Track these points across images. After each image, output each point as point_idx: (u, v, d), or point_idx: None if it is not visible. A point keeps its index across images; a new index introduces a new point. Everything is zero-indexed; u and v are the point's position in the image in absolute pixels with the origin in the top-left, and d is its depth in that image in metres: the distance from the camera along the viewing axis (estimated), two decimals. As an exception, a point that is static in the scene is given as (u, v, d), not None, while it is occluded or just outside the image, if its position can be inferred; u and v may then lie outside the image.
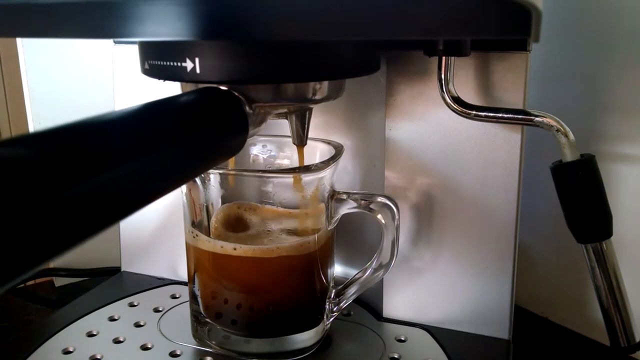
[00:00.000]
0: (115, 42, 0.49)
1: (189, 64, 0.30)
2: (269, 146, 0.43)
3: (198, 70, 0.30)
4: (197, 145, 0.26)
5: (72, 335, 0.42)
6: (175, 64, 0.30)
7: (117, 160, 0.20)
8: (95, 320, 0.44)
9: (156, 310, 0.45)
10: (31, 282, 0.61)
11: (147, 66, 0.33)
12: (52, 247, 0.17)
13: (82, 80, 0.56)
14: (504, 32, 0.22)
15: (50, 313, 0.47)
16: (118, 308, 0.46)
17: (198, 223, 0.39)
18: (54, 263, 0.60)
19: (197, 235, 0.38)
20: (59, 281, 0.60)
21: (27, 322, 0.53)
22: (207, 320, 0.40)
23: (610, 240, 0.34)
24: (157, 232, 0.51)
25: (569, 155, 0.33)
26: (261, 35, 0.26)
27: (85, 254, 0.60)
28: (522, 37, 0.22)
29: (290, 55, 0.30)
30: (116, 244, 0.53)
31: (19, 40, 0.54)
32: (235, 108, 0.30)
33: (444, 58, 0.35)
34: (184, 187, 0.38)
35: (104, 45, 0.51)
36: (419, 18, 0.23)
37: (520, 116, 0.34)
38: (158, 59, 0.31)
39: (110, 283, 0.51)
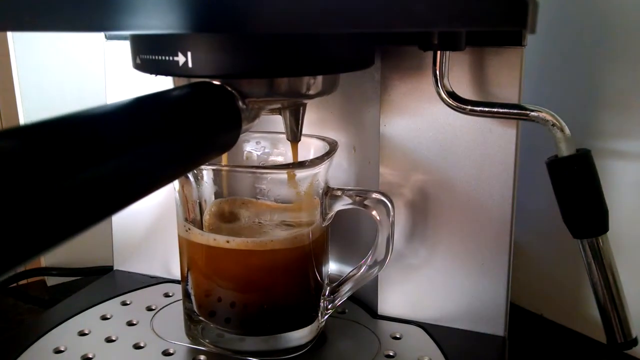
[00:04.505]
0: (107, 38, 0.48)
1: (180, 58, 0.30)
2: (262, 143, 0.43)
3: (190, 65, 0.29)
4: (188, 140, 0.26)
5: (63, 335, 0.41)
6: (166, 58, 0.30)
7: (107, 154, 0.20)
8: (87, 319, 0.43)
9: (149, 309, 0.45)
10: (23, 282, 0.60)
11: (138, 61, 0.32)
12: (40, 241, 0.17)
13: (74, 76, 0.56)
14: (500, 23, 0.22)
15: (42, 313, 0.47)
16: (110, 307, 0.45)
17: (191, 221, 0.38)
18: (46, 262, 0.60)
19: (189, 229, 0.38)
20: (51, 280, 0.60)
21: (19, 322, 0.53)
22: (201, 318, 0.39)
23: (606, 236, 0.34)
24: (149, 230, 0.51)
25: (565, 150, 0.33)
26: (254, 27, 0.25)
27: (78, 253, 0.60)
28: (518, 28, 0.22)
29: (285, 49, 0.30)
30: (108, 242, 0.52)
31: (9, 36, 0.53)
32: (228, 103, 0.29)
33: (438, 53, 0.35)
34: (176, 184, 0.38)
35: (95, 41, 0.50)
36: (414, 10, 0.23)
37: (515, 111, 0.34)
38: (149, 53, 0.31)
39: (103, 282, 0.50)
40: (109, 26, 0.27)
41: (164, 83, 0.33)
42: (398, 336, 0.41)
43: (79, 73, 0.56)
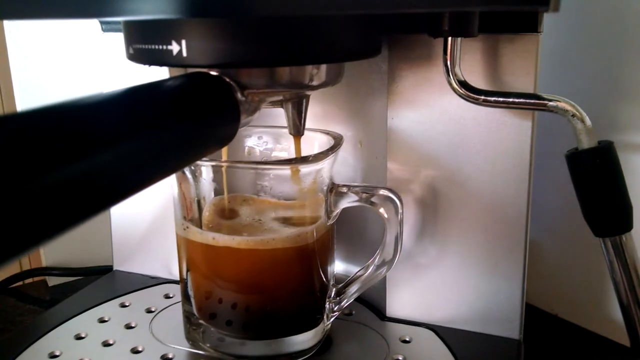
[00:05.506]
0: (104, 30, 0.47)
1: (174, 47, 0.28)
2: (264, 138, 0.42)
3: (185, 54, 0.28)
4: (184, 133, 0.25)
5: (59, 338, 0.40)
6: (160, 47, 0.29)
7: (99, 146, 0.19)
8: (85, 321, 0.42)
9: (148, 311, 0.44)
10: (25, 282, 0.59)
11: (131, 51, 0.31)
12: (31, 234, 0.16)
13: (71, 71, 0.55)
14: (519, 1, 0.20)
15: (42, 313, 0.46)
16: (109, 309, 0.44)
17: (190, 219, 0.37)
18: (47, 262, 0.59)
19: (188, 228, 0.36)
20: (52, 280, 0.59)
21: (20, 323, 0.52)
22: (201, 321, 0.38)
23: (630, 234, 0.32)
24: (150, 229, 0.49)
25: (586, 142, 0.31)
26: (253, 10, 0.24)
27: (79, 252, 0.59)
28: (539, 7, 0.20)
29: (286, 36, 0.28)
30: (109, 242, 0.51)
31: (7, 30, 0.52)
32: (225, 94, 0.28)
33: (449, 39, 0.33)
34: (174, 181, 0.37)
35: (92, 33, 0.49)
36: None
37: (532, 101, 0.32)
38: (142, 42, 0.30)
39: (102, 282, 0.49)
40: (103, 12, 0.25)
41: (161, 76, 0.32)
42: (407, 339, 0.40)
43: (76, 68, 0.55)
